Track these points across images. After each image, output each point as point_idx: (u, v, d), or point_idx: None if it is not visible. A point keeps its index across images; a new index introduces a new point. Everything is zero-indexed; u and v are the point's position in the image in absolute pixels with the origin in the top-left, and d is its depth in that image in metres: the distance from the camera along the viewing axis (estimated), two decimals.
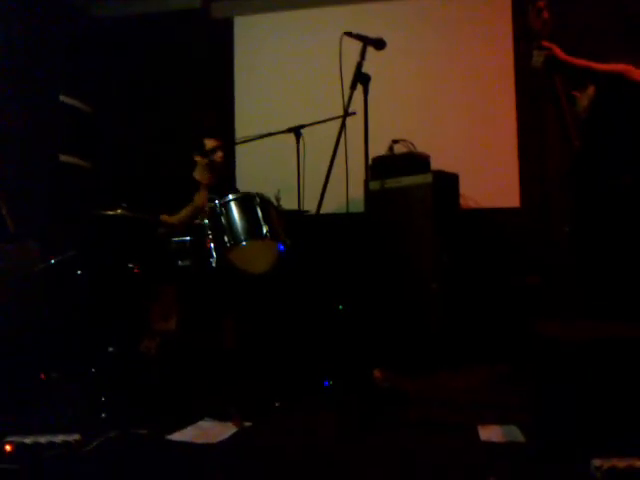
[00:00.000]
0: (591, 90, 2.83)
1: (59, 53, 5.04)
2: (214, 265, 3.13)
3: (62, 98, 5.04)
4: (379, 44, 2.83)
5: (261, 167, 5.05)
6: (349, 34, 2.87)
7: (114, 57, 5.45)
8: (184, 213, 3.76)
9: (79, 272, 3.15)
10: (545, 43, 2.69)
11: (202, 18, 5.37)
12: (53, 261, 3.16)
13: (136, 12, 5.41)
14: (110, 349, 2.88)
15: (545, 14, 2.73)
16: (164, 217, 3.72)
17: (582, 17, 4.47)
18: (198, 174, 4.05)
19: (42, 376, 2.95)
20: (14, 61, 4.52)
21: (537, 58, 2.70)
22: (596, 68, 2.70)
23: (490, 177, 4.76)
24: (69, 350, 3.02)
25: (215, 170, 4.03)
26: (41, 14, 4.86)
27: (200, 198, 3.78)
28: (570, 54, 2.76)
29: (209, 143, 4.01)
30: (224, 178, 4.24)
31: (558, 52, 2.70)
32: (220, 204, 3.25)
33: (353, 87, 2.83)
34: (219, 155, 4.01)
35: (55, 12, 5.06)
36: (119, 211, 3.22)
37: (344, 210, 3.88)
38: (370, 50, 3.03)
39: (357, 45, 3.02)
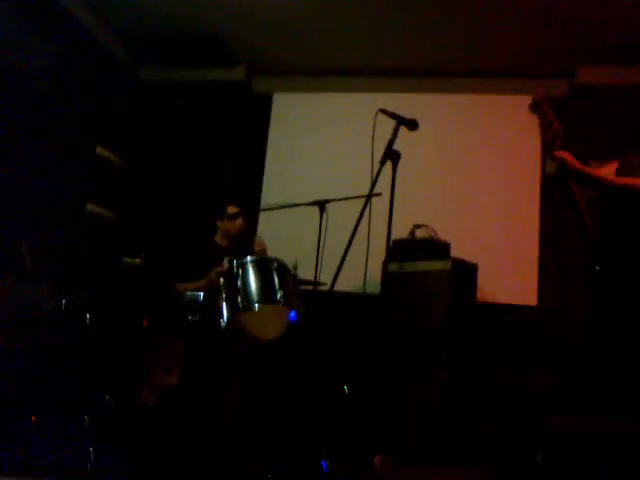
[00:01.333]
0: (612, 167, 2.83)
1: (102, 107, 5.25)
2: (224, 325, 3.08)
3: (99, 150, 5.20)
4: (412, 125, 2.90)
5: (282, 235, 5.08)
6: (384, 111, 2.95)
7: (154, 117, 5.65)
8: (199, 284, 3.64)
9: (87, 316, 3.12)
10: (556, 153, 2.73)
11: (244, 90, 5.60)
12: (63, 302, 3.15)
13: (182, 79, 5.67)
14: (106, 397, 2.81)
15: (555, 125, 2.78)
16: (178, 285, 3.67)
17: None
18: (219, 238, 4.09)
19: (32, 418, 2.86)
20: (57, 109, 4.70)
21: (549, 167, 2.79)
22: (611, 181, 2.69)
23: (508, 273, 4.73)
24: (66, 393, 2.94)
25: (234, 236, 4.06)
26: (92, 70, 5.12)
27: (216, 272, 3.70)
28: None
29: (231, 209, 4.08)
30: (244, 244, 4.25)
31: (570, 161, 2.71)
32: (237, 265, 3.24)
33: (383, 163, 2.87)
34: (239, 222, 4.05)
35: (105, 70, 5.33)
36: (137, 260, 3.23)
37: (360, 288, 3.84)
38: (401, 133, 3.10)
39: (389, 125, 3.09)
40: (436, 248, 4.37)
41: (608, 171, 2.82)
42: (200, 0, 4.66)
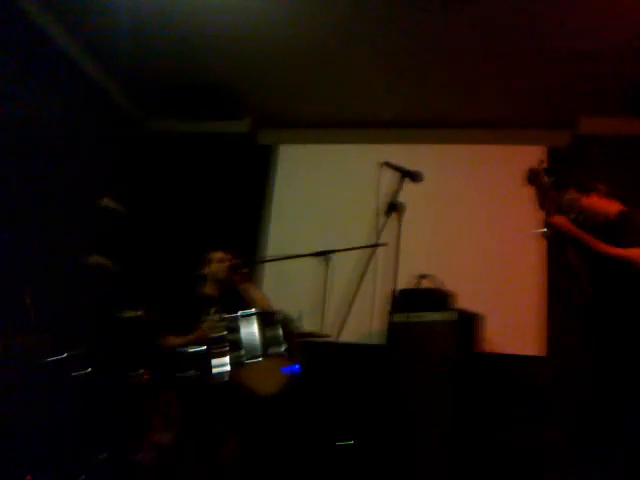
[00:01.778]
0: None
1: (106, 158, 5.30)
2: (225, 380, 3.02)
3: (105, 201, 5.22)
4: (416, 177, 2.92)
5: (287, 286, 5.05)
6: (388, 164, 2.97)
7: (160, 168, 5.71)
8: (189, 338, 3.48)
9: (87, 370, 3.07)
10: (553, 220, 2.82)
11: (249, 142, 5.67)
12: (64, 355, 3.10)
13: (188, 130, 5.75)
14: (103, 455, 2.73)
15: (551, 194, 2.89)
16: (170, 339, 3.53)
17: None
18: (208, 288, 3.97)
19: (28, 478, 2.78)
20: (63, 160, 4.75)
21: (547, 232, 2.88)
22: (604, 250, 2.72)
23: (515, 323, 4.67)
24: (63, 451, 2.86)
25: (223, 282, 3.86)
26: (98, 122, 5.20)
27: (208, 325, 3.51)
28: None
29: (215, 255, 3.96)
30: (236, 293, 4.11)
31: (566, 227, 2.80)
32: (240, 317, 3.21)
33: (388, 214, 2.87)
34: (225, 265, 3.83)
35: (111, 121, 5.41)
36: (138, 313, 3.19)
37: (365, 339, 3.79)
38: (405, 185, 3.11)
39: (392, 177, 3.10)
40: (442, 299, 4.33)
41: (599, 204, 2.93)
42: (207, 53, 4.77)
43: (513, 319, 4.68)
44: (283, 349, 3.11)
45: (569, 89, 4.79)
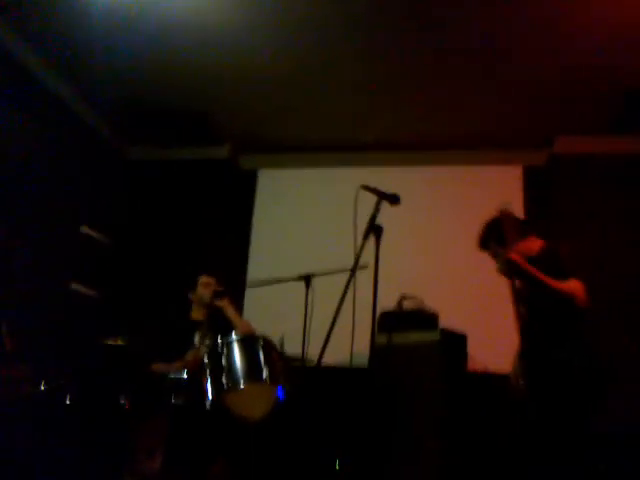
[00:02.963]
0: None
1: (87, 186, 5.29)
2: (208, 406, 2.99)
3: (83, 229, 5.20)
4: (393, 199, 2.92)
5: (269, 310, 5.03)
6: (366, 187, 2.99)
7: (140, 195, 5.71)
8: (176, 365, 3.53)
9: (68, 398, 3.03)
10: (508, 256, 3.06)
11: (229, 167, 5.70)
12: (43, 387, 3.05)
13: (168, 157, 5.76)
14: None
15: (512, 236, 3.16)
16: (156, 366, 3.57)
17: None
18: (194, 313, 3.99)
19: None
20: (43, 188, 4.73)
21: (502, 266, 3.15)
22: (550, 284, 2.98)
23: (498, 341, 4.67)
24: None
25: (206, 307, 3.93)
26: (79, 151, 5.20)
27: (192, 355, 3.58)
28: None
29: (203, 279, 4.00)
30: (222, 317, 4.05)
31: (520, 263, 3.04)
32: (222, 343, 3.18)
33: (366, 237, 2.88)
34: (210, 290, 3.92)
35: (92, 150, 5.41)
36: (119, 341, 3.16)
37: (347, 362, 3.77)
38: (384, 207, 3.13)
39: (371, 199, 3.12)
40: (424, 319, 4.33)
41: (526, 246, 3.21)
42: (185, 79, 4.80)
43: (496, 337, 4.69)
44: (265, 375, 3.08)
45: (545, 109, 4.89)
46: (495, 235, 3.29)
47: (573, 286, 2.99)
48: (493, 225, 3.37)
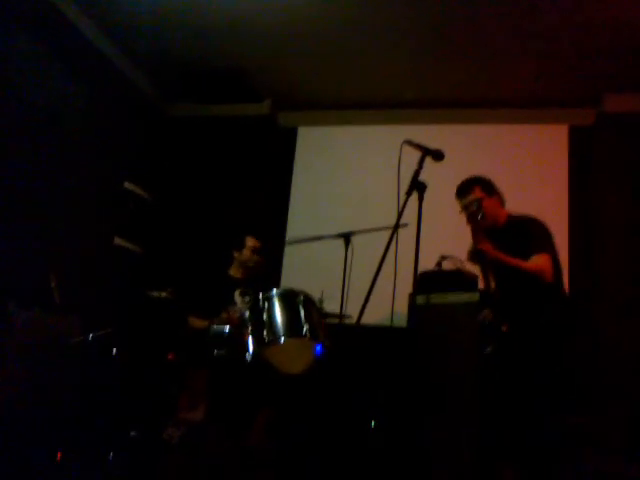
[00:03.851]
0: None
1: (130, 143, 5.35)
2: (249, 359, 3.05)
3: (126, 185, 5.29)
4: (438, 155, 2.87)
5: (308, 268, 5.06)
6: (410, 142, 2.93)
7: (181, 152, 5.75)
8: (215, 320, 3.60)
9: (114, 350, 3.13)
10: (480, 246, 3.21)
11: (269, 125, 5.67)
12: (91, 336, 3.16)
13: (208, 114, 5.76)
14: (132, 433, 2.78)
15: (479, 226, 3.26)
16: (192, 320, 3.65)
17: None
18: (233, 270, 4.05)
19: (58, 454, 2.85)
20: (87, 144, 4.81)
21: (472, 255, 3.36)
22: (517, 265, 3.14)
23: None
24: (91, 428, 2.93)
25: (250, 268, 4.02)
26: (120, 107, 5.24)
27: (232, 307, 3.69)
28: None
29: (249, 241, 4.05)
30: (258, 278, 4.15)
31: (489, 251, 3.19)
32: (263, 298, 3.22)
33: (409, 193, 2.84)
34: (254, 258, 4.02)
35: (133, 107, 5.45)
36: (163, 294, 3.23)
37: (387, 321, 3.78)
38: (427, 165, 3.08)
39: (412, 158, 3.07)
40: (463, 280, 4.28)
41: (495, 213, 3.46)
42: (225, 36, 4.76)
43: None
44: (305, 330, 3.12)
45: (593, 65, 4.69)
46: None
47: (541, 263, 3.13)
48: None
